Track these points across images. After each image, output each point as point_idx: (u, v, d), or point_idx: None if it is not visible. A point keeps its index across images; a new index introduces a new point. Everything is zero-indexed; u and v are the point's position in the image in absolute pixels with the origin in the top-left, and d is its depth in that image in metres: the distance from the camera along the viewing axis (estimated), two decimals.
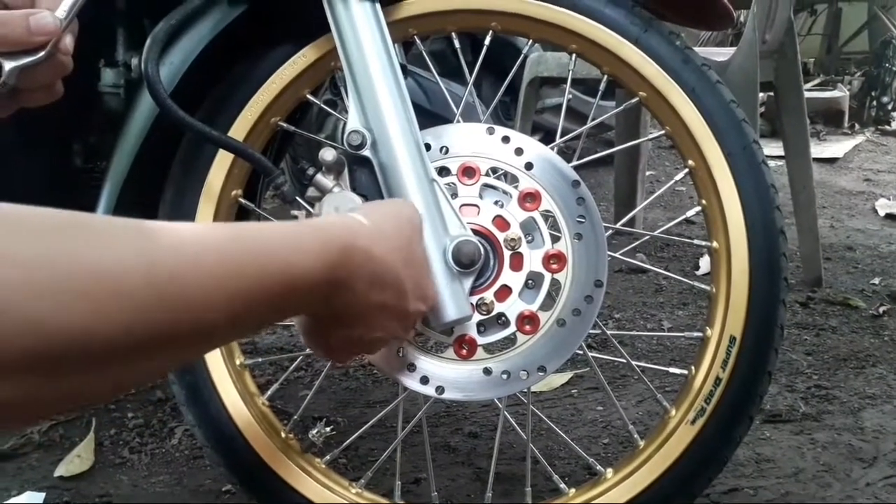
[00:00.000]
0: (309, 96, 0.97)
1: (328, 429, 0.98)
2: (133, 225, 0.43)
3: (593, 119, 1.02)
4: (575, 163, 0.89)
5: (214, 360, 0.96)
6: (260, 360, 1.29)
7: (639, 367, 0.99)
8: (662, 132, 0.95)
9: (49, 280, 0.37)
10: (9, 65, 0.69)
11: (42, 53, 0.70)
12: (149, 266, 0.41)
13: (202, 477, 1.21)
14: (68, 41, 0.72)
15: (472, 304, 0.81)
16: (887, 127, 4.53)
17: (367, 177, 0.81)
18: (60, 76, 0.74)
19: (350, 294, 0.59)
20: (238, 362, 0.98)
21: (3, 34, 0.69)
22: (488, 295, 0.83)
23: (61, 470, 1.22)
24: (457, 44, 0.96)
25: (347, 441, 1.00)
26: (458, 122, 0.90)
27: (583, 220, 0.85)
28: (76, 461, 1.24)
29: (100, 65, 1.00)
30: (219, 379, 0.96)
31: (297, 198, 0.89)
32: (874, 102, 4.67)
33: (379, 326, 0.65)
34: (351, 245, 0.58)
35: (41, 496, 1.16)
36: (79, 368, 0.39)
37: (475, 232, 0.82)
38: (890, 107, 4.66)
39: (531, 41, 0.96)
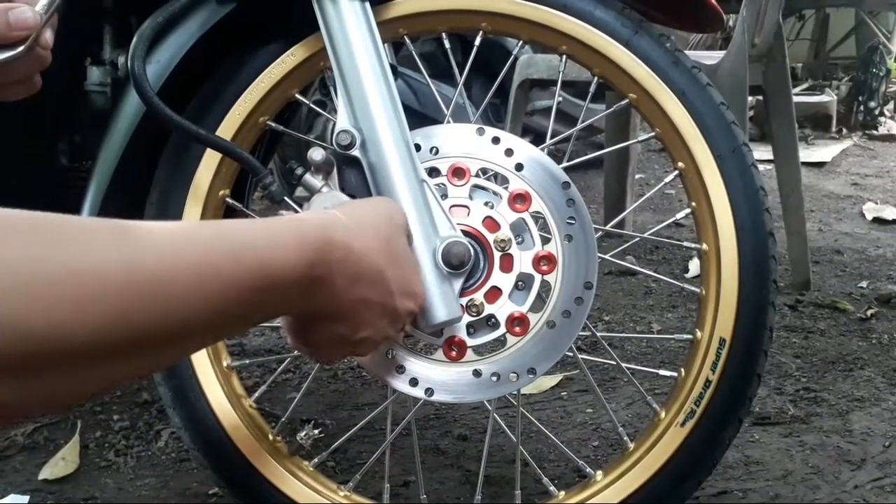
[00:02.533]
0: (298, 96, 0.96)
1: (316, 431, 0.98)
2: (111, 225, 0.43)
3: (583, 121, 1.02)
4: (565, 164, 0.88)
5: (201, 362, 0.95)
6: (247, 361, 1.29)
7: (628, 369, 0.99)
8: (652, 134, 0.95)
9: (28, 282, 0.36)
10: None
11: (21, 48, 0.69)
12: (128, 266, 0.41)
13: (189, 480, 1.20)
14: (48, 36, 0.72)
15: (461, 305, 0.80)
16: (874, 131, 4.56)
17: (357, 177, 0.81)
18: (39, 70, 0.73)
19: (331, 290, 0.58)
20: (225, 364, 0.97)
21: None
22: (478, 296, 0.83)
23: (46, 473, 1.21)
24: (447, 44, 0.96)
25: (336, 444, 0.99)
26: (449, 122, 0.89)
27: (573, 222, 0.85)
28: (61, 464, 1.23)
29: (86, 63, 0.99)
30: (206, 381, 0.95)
31: (286, 198, 0.88)
32: (861, 107, 4.70)
33: (365, 325, 0.64)
34: (329, 240, 0.57)
35: (25, 499, 1.15)
36: (60, 370, 0.38)
37: (465, 233, 0.82)
38: (877, 111, 4.68)
39: (521, 42, 0.96)
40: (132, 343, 0.41)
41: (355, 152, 0.80)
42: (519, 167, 0.85)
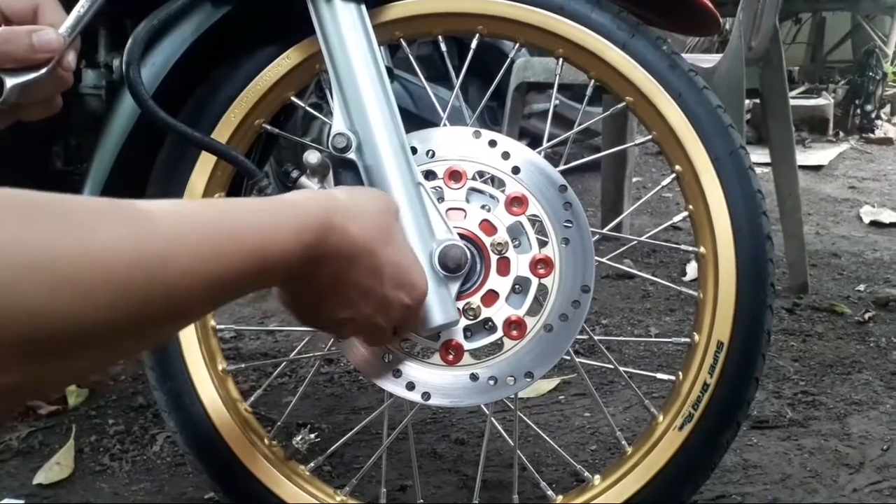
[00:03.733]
0: (294, 99, 0.96)
1: (312, 435, 0.97)
2: (115, 205, 0.43)
3: (580, 124, 1.02)
4: (562, 167, 0.88)
5: (196, 366, 0.95)
6: (243, 365, 1.28)
7: (626, 372, 0.98)
8: (649, 137, 0.95)
9: (34, 262, 0.36)
10: (10, 81, 0.69)
11: (44, 70, 0.70)
12: (135, 248, 0.42)
13: (184, 484, 1.20)
14: (71, 58, 0.72)
15: (458, 308, 0.80)
16: (871, 135, 4.57)
17: (353, 180, 0.81)
18: (60, 91, 0.74)
19: (321, 271, 0.59)
20: (221, 368, 0.97)
21: (6, 51, 0.68)
22: (475, 300, 0.82)
23: (40, 477, 1.20)
24: (443, 47, 0.96)
25: (332, 448, 0.99)
26: (445, 125, 0.89)
27: (570, 225, 0.85)
28: (56, 468, 1.22)
29: (81, 66, 0.98)
30: (201, 385, 0.95)
31: None
32: (858, 110, 4.71)
33: (348, 306, 0.64)
34: (329, 223, 0.58)
35: (20, 503, 1.14)
36: (67, 351, 0.39)
37: (462, 236, 0.81)
38: (874, 115, 4.70)
39: (518, 45, 0.95)
40: (136, 322, 0.42)
41: (351, 155, 0.80)
42: (516, 170, 0.85)
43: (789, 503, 1.12)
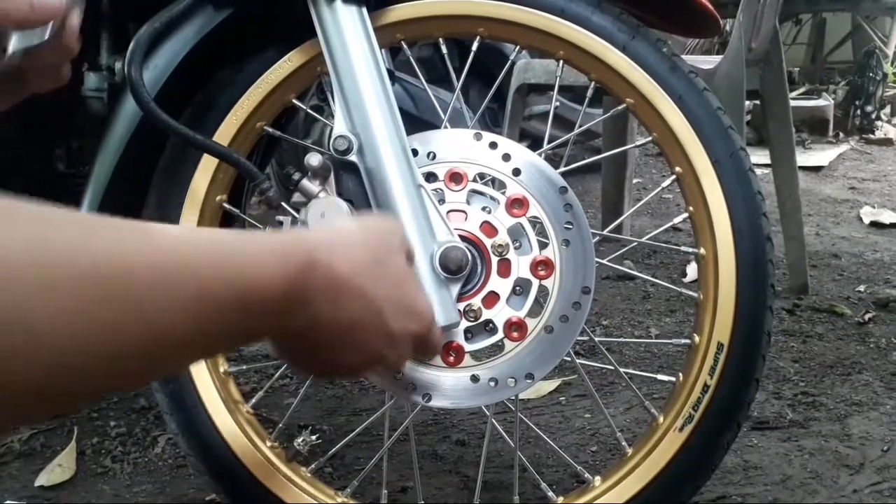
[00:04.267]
0: (295, 101, 0.96)
1: (314, 437, 0.97)
2: (92, 220, 0.41)
3: (581, 126, 1.02)
4: (562, 169, 0.88)
5: (198, 368, 0.95)
6: (244, 367, 1.28)
7: (627, 374, 0.98)
8: (650, 139, 0.95)
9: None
10: (13, 45, 0.68)
11: (48, 35, 0.69)
12: (98, 262, 0.39)
13: (186, 486, 1.20)
14: (75, 23, 0.71)
15: (459, 310, 0.80)
16: (871, 135, 4.57)
17: (354, 182, 0.81)
18: (67, 59, 0.73)
19: (310, 312, 0.54)
20: (222, 370, 0.97)
21: (5, 9, 0.67)
22: (476, 301, 0.83)
23: (42, 479, 1.21)
24: (444, 49, 0.96)
25: (333, 449, 0.99)
26: (446, 127, 0.89)
27: (570, 227, 0.85)
28: (57, 470, 1.23)
29: (83, 68, 0.99)
30: (203, 387, 0.95)
31: (283, 203, 0.88)
32: (858, 111, 4.71)
33: (355, 348, 0.59)
34: (311, 261, 0.53)
35: None
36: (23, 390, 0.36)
37: (462, 238, 0.82)
38: (874, 116, 4.69)
39: (518, 47, 0.96)
40: (106, 350, 0.39)
41: (352, 157, 0.80)
42: (516, 172, 0.85)
43: None
